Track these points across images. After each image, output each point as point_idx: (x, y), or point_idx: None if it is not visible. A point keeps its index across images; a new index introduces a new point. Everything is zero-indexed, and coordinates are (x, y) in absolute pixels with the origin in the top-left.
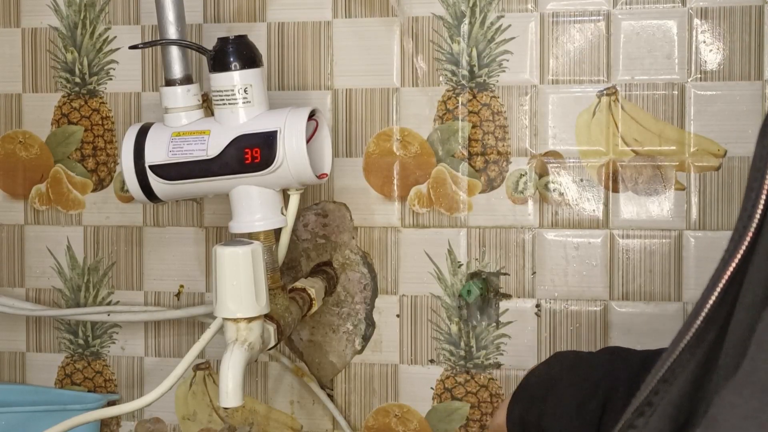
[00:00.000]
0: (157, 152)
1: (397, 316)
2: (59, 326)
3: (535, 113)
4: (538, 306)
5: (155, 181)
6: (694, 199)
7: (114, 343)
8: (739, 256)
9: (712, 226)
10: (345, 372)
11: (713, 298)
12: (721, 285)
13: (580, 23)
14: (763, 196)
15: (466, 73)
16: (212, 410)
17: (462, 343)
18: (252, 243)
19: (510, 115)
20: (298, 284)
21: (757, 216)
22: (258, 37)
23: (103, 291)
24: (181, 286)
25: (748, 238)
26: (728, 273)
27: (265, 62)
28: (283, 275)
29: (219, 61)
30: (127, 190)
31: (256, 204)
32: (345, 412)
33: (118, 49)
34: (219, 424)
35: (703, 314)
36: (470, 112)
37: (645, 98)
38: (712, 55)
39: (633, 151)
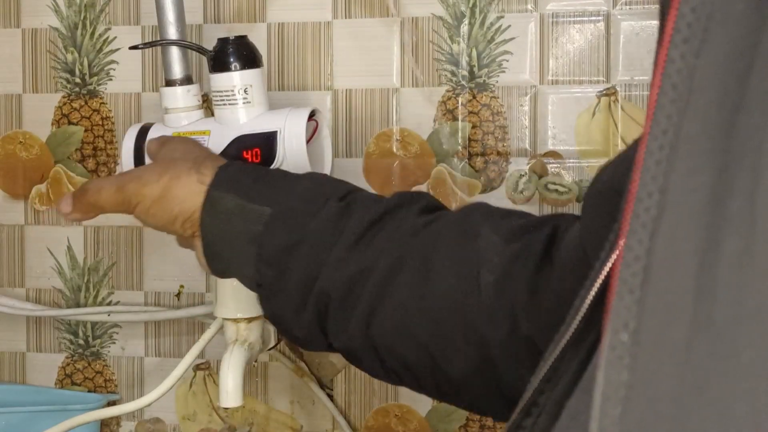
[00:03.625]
0: None
1: None
2: (59, 326)
3: (535, 114)
4: None
5: None
6: None
7: (114, 343)
8: (614, 255)
9: None
10: (345, 372)
11: (590, 296)
12: (597, 283)
13: (580, 23)
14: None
15: (466, 73)
16: (212, 410)
17: None
18: None
19: (510, 116)
20: None
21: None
22: (258, 38)
23: (104, 291)
24: (181, 286)
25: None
26: (604, 271)
27: (265, 62)
28: None
29: (219, 61)
30: None
31: None
32: (345, 412)
33: (119, 49)
34: (219, 424)
35: (582, 313)
36: (470, 112)
37: (644, 99)
38: None
39: None
